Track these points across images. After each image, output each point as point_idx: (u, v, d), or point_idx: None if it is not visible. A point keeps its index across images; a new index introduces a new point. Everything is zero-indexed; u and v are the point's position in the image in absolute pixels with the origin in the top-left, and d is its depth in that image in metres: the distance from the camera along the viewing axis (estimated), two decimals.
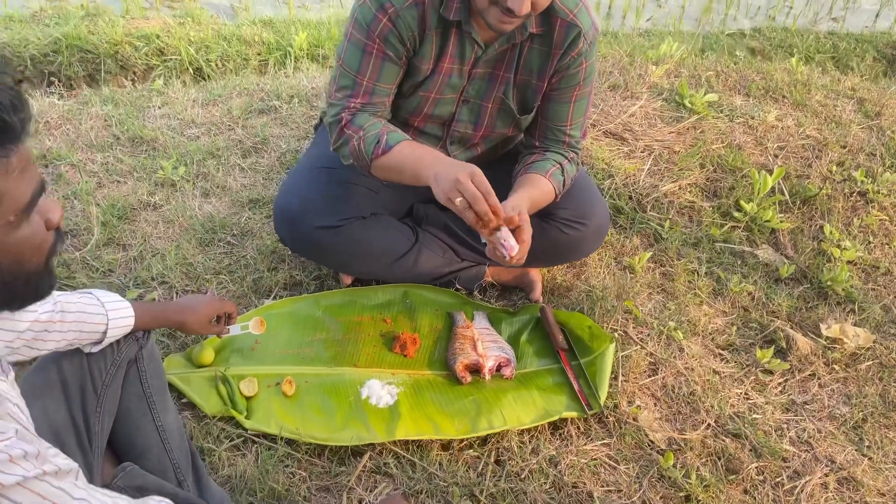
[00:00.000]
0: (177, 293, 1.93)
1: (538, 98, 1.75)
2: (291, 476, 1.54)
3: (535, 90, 1.73)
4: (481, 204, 1.45)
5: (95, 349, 1.34)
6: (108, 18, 4.41)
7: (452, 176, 1.45)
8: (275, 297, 1.96)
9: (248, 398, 1.69)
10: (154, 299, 1.90)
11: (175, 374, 1.72)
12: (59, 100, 2.59)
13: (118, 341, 1.37)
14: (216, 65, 4.13)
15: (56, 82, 3.59)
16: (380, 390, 1.73)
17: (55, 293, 1.27)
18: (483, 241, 1.52)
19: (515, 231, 1.50)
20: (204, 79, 4.03)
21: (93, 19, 4.40)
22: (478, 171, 1.47)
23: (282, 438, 1.59)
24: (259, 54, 4.25)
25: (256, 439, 1.60)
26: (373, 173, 1.66)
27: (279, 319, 1.88)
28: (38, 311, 1.25)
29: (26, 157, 0.83)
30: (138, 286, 1.94)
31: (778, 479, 1.68)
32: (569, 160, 1.78)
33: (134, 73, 4.08)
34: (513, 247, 1.45)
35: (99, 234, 2.04)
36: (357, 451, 1.60)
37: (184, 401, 1.68)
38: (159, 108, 2.61)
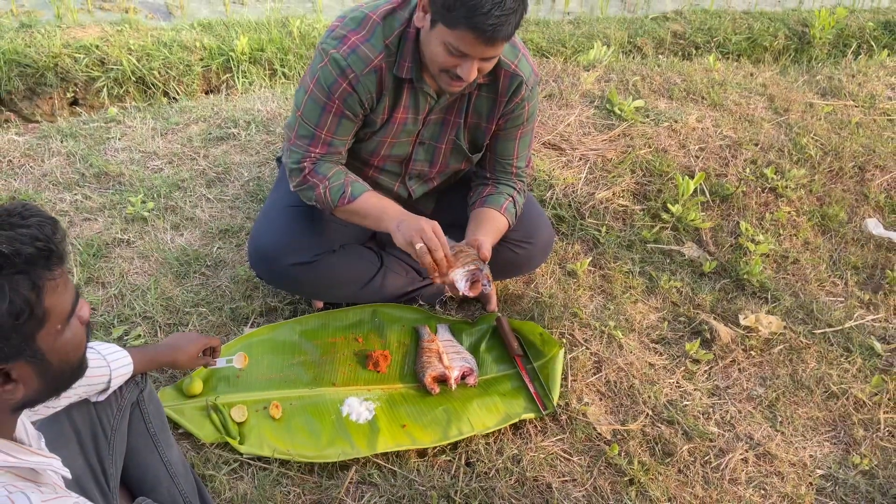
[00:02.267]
0: (160, 328, 2.06)
1: (487, 137, 1.93)
2: (287, 494, 1.71)
3: (485, 131, 1.91)
4: (439, 252, 1.65)
5: (102, 398, 1.46)
6: (44, 29, 4.33)
7: (416, 226, 1.65)
8: (252, 325, 2.10)
9: (239, 424, 1.84)
10: (139, 335, 2.02)
11: (169, 406, 1.85)
12: (17, 136, 2.62)
13: (120, 387, 1.50)
14: (159, 73, 4.14)
15: (11, 117, 3.56)
16: (358, 407, 1.91)
17: None
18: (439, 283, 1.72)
19: (479, 251, 1.73)
20: (147, 87, 4.05)
21: (28, 31, 4.32)
22: (436, 225, 1.68)
23: (275, 460, 1.76)
24: (202, 60, 4.27)
25: (252, 462, 1.77)
26: (335, 215, 1.83)
27: (260, 346, 2.03)
28: None
29: (66, 274, 0.97)
30: (122, 322, 2.05)
31: (706, 458, 1.94)
32: (518, 191, 1.98)
33: (75, 85, 4.06)
34: (462, 289, 1.66)
35: (79, 275, 2.14)
36: (343, 466, 1.78)
37: (181, 431, 1.82)
38: (119, 139, 2.67)
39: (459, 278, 1.67)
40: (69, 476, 1.08)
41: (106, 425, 1.50)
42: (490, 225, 1.90)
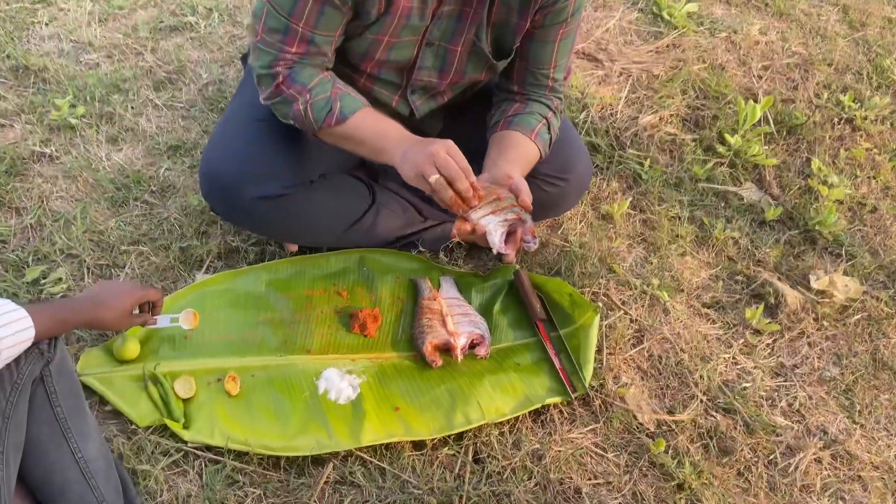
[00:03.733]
0: (88, 270, 1.66)
1: (517, 39, 1.49)
2: (243, 497, 1.37)
3: (515, 30, 1.47)
4: (462, 181, 1.25)
5: None
6: None
7: (427, 151, 1.25)
8: (207, 270, 1.71)
9: (184, 401, 1.48)
10: (60, 279, 1.62)
11: (94, 374, 1.49)
12: None
13: (17, 359, 1.14)
14: None
15: None
16: (339, 382, 1.54)
17: None
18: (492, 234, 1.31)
19: (517, 196, 1.34)
20: None
21: None
22: (453, 145, 1.29)
23: (229, 451, 1.41)
24: None
25: (199, 452, 1.42)
26: (320, 137, 1.40)
27: (215, 299, 1.65)
28: None
29: None
30: (39, 262, 1.66)
31: (771, 458, 1.60)
32: (553, 111, 1.56)
33: None
34: (496, 244, 1.26)
35: None
36: (318, 460, 1.44)
37: (108, 408, 1.47)
38: (46, 25, 2.18)
39: (494, 229, 1.29)
40: None
41: None
42: (517, 154, 1.49)
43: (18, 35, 2.13)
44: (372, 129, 1.36)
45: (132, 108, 1.98)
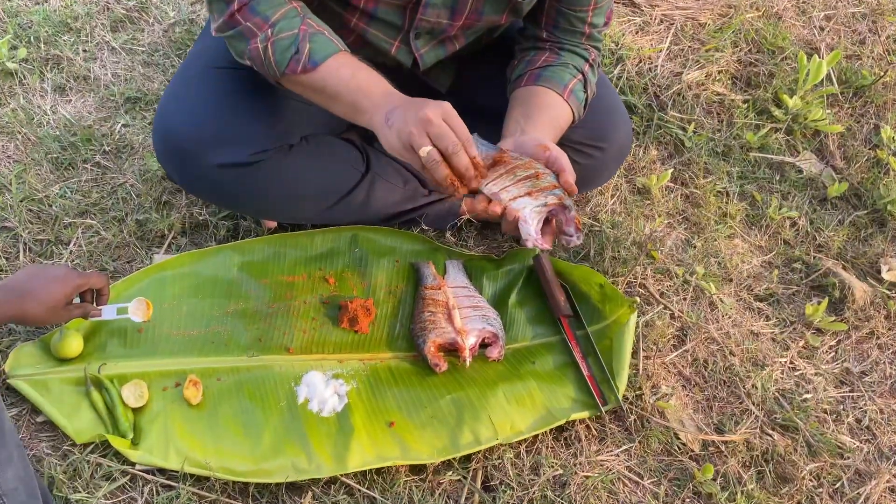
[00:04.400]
0: (25, 246, 1.42)
1: None
2: None
3: None
4: (462, 156, 0.99)
5: None
6: None
7: (417, 115, 1.00)
8: (168, 249, 1.47)
9: (134, 411, 1.26)
10: None
11: (26, 376, 1.27)
12: None
13: None
14: None
15: None
16: (323, 390, 1.32)
17: None
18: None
19: (558, 175, 1.09)
20: None
21: None
22: (451, 108, 1.04)
23: (186, 475, 1.18)
24: None
25: (149, 477, 1.20)
26: (283, 85, 1.13)
27: (177, 284, 1.42)
28: None
29: None
30: None
31: (838, 486, 1.38)
32: (591, 64, 1.30)
33: None
34: (532, 235, 1.00)
35: None
36: (295, 486, 1.21)
37: (40, 419, 1.24)
38: None
39: (530, 216, 1.03)
40: None
41: None
42: (547, 117, 1.23)
43: None
44: (349, 81, 1.09)
45: (84, 51, 1.71)
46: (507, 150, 1.13)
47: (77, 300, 1.26)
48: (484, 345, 1.42)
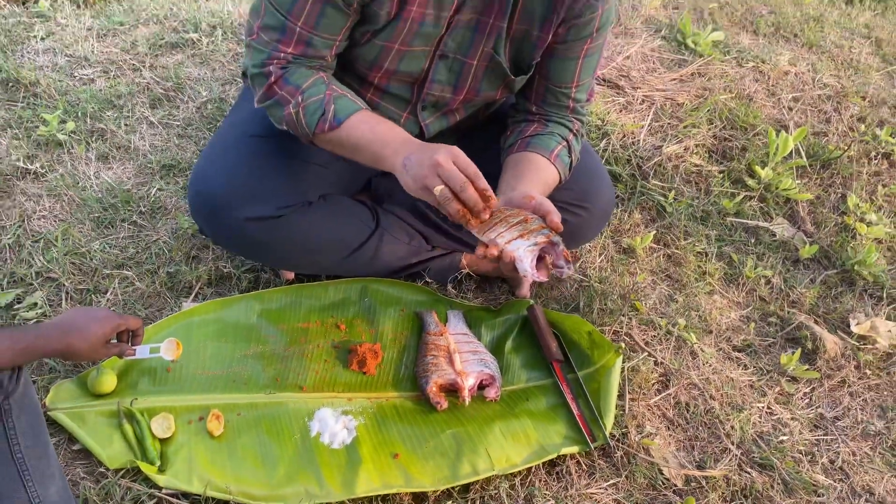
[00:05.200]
0: (67, 295, 1.55)
1: (538, 53, 1.39)
2: None
3: (536, 44, 1.37)
4: (470, 191, 1.14)
5: None
6: None
7: (430, 159, 1.15)
8: (196, 298, 1.60)
9: (161, 441, 1.36)
10: (36, 304, 1.51)
11: (65, 409, 1.37)
12: None
13: None
14: None
15: None
16: (334, 424, 1.41)
17: None
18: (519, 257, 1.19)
19: (545, 217, 1.21)
20: None
21: None
22: (459, 151, 1.17)
23: (208, 499, 1.27)
24: None
25: (174, 500, 1.28)
26: (315, 144, 1.30)
27: (202, 329, 1.53)
28: None
29: None
30: (14, 285, 1.55)
31: None
32: (575, 133, 1.45)
33: None
34: (527, 270, 1.14)
35: None
36: None
37: (76, 447, 1.34)
38: (42, 39, 2.12)
39: (524, 255, 1.16)
40: None
41: None
42: (535, 176, 1.38)
43: (13, 49, 2.07)
44: (370, 133, 1.25)
45: (126, 125, 1.89)
46: (500, 205, 1.28)
47: (114, 340, 1.38)
48: (482, 386, 1.52)
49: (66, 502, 1.17)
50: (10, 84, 1.95)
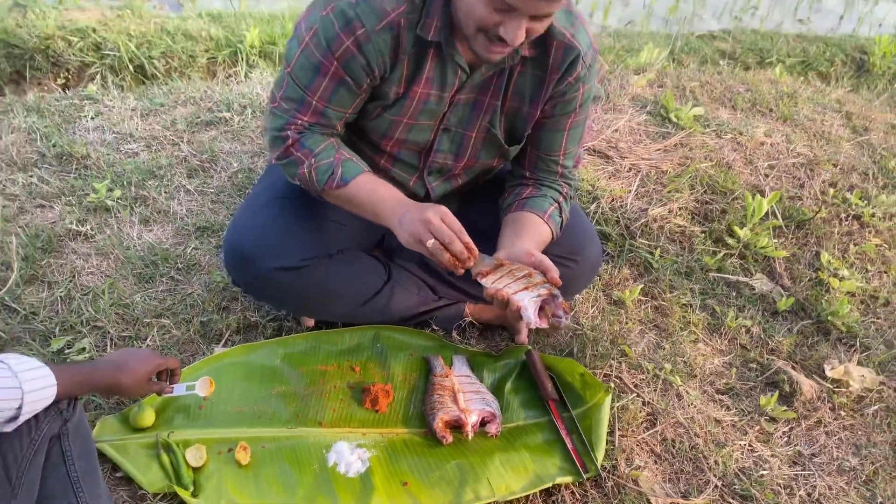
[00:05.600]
0: (111, 341, 1.71)
1: (529, 126, 1.58)
2: None
3: (526, 118, 1.56)
4: (455, 244, 1.32)
5: (9, 428, 1.13)
6: (39, 10, 4.07)
7: (421, 217, 1.33)
8: (226, 343, 1.75)
9: (195, 469, 1.49)
10: (84, 349, 1.67)
11: (109, 441, 1.51)
12: None
13: (37, 416, 1.17)
14: (159, 62, 3.84)
15: None
16: (349, 455, 1.54)
17: None
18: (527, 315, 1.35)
19: (545, 273, 1.37)
20: (146, 78, 3.74)
21: (22, 11, 4.06)
22: (446, 210, 1.36)
23: None
24: (207, 51, 3.97)
25: None
26: (324, 198, 1.49)
27: (231, 371, 1.68)
28: None
29: None
30: (65, 332, 1.71)
31: None
32: (564, 196, 1.63)
33: (67, 70, 3.77)
34: (531, 319, 1.30)
35: (19, 270, 1.80)
36: None
37: (119, 474, 1.47)
38: (92, 118, 2.35)
39: (528, 304, 1.32)
40: None
41: (11, 465, 1.16)
42: (531, 232, 1.55)
43: (66, 127, 2.30)
44: (370, 194, 1.44)
45: (165, 192, 2.09)
46: (504, 259, 1.45)
47: (155, 379, 1.53)
48: (483, 423, 1.65)
49: None
50: (64, 157, 2.17)
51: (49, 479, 1.22)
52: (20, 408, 1.12)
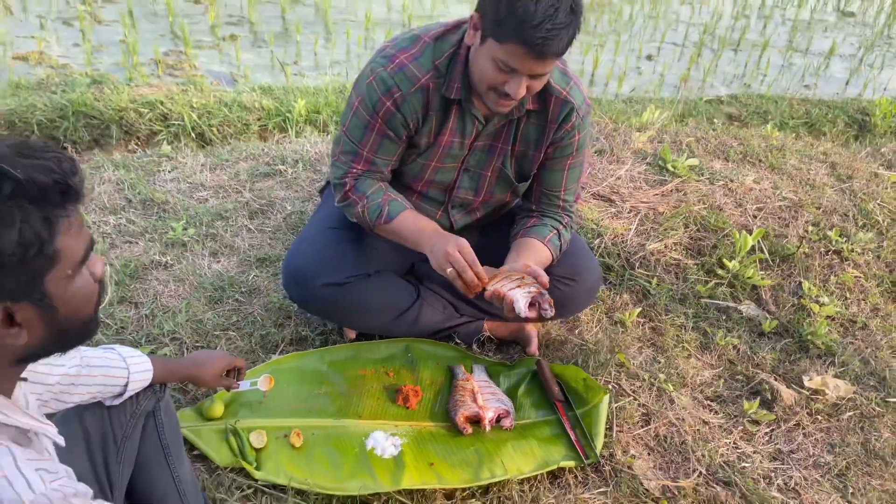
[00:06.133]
0: (187, 349, 2.01)
1: (534, 167, 1.88)
2: None
3: (532, 160, 1.87)
4: (468, 273, 1.61)
5: (116, 402, 1.40)
6: (114, 85, 4.58)
7: (443, 248, 1.63)
8: (281, 353, 2.04)
9: (257, 450, 1.75)
10: (165, 355, 1.97)
11: (187, 427, 1.78)
12: None
13: (137, 394, 1.44)
14: (217, 130, 4.28)
15: (64, 147, 3.71)
16: (384, 441, 1.80)
17: (81, 348, 1.35)
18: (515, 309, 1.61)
19: (536, 277, 1.64)
20: (206, 143, 4.18)
21: (99, 87, 4.56)
22: (464, 243, 1.64)
23: (291, 489, 1.65)
24: (259, 120, 4.40)
25: (266, 490, 1.66)
26: (376, 232, 1.79)
27: (286, 374, 1.95)
28: (66, 366, 1.31)
29: (80, 218, 0.92)
30: (150, 342, 2.01)
31: None
32: (564, 225, 1.91)
33: (138, 137, 4.22)
34: (521, 310, 1.58)
35: (112, 293, 2.13)
36: (364, 501, 1.66)
37: (195, 453, 1.74)
38: (169, 172, 2.73)
39: (519, 297, 1.59)
40: (63, 444, 1.01)
41: (118, 431, 1.43)
42: (531, 254, 1.83)
43: (147, 178, 2.67)
44: (412, 226, 1.74)
45: (231, 230, 2.43)
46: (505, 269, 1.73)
47: (225, 375, 1.82)
48: (499, 418, 1.89)
49: (193, 480, 1.56)
50: (147, 202, 2.53)
51: (145, 445, 1.49)
52: (126, 385, 1.41)
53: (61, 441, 1.01)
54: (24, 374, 1.04)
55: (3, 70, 4.80)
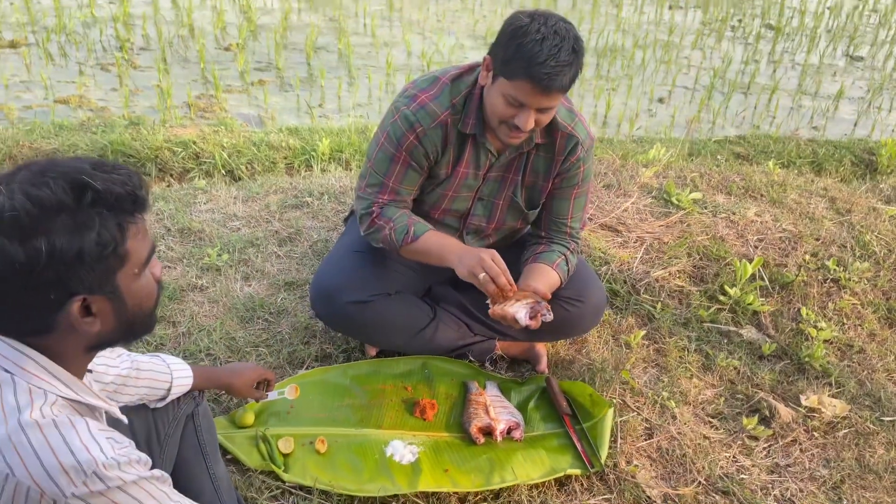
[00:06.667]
0: (220, 364, 2.15)
1: (543, 196, 2.03)
2: None
3: (541, 190, 2.02)
4: (502, 278, 1.73)
5: (160, 404, 1.53)
6: (150, 127, 4.84)
7: (477, 256, 1.76)
8: (307, 368, 2.17)
9: (285, 455, 1.88)
10: None
11: (221, 433, 1.91)
12: None
13: (178, 398, 1.58)
14: (246, 167, 4.50)
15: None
16: (402, 449, 1.92)
17: (133, 353, 1.50)
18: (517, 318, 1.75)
19: (537, 293, 1.79)
20: (236, 180, 4.39)
21: (136, 128, 4.83)
22: (496, 253, 1.79)
23: (316, 490, 1.77)
24: (286, 158, 4.62)
25: (293, 490, 1.78)
26: (401, 254, 1.94)
27: (311, 387, 2.09)
28: (119, 367, 1.46)
29: (145, 225, 1.07)
30: (187, 358, 2.16)
31: None
32: (570, 251, 2.05)
33: (172, 175, 4.45)
34: (522, 320, 1.71)
35: None
36: (383, 502, 1.77)
37: (228, 457, 1.86)
38: (204, 203, 2.92)
39: (520, 309, 1.74)
40: (126, 422, 1.15)
41: (161, 431, 1.56)
42: (541, 276, 1.96)
43: (184, 209, 2.86)
44: (436, 243, 1.88)
45: (261, 256, 2.60)
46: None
47: (255, 386, 1.96)
48: (510, 430, 2.01)
49: (227, 479, 1.69)
50: (184, 231, 2.71)
51: (184, 445, 1.62)
52: (169, 390, 1.55)
53: (124, 419, 1.15)
54: (89, 367, 1.18)
55: (47, 112, 5.08)
